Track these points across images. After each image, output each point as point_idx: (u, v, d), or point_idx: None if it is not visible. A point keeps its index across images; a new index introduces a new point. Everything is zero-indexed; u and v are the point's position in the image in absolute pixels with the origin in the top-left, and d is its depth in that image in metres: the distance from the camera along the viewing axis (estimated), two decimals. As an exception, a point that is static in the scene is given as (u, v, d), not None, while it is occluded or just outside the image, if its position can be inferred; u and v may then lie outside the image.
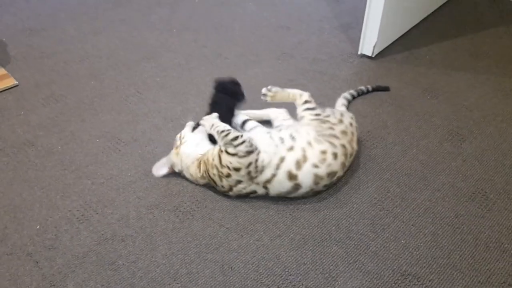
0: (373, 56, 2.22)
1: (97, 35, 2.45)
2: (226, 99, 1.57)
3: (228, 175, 1.40)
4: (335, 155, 1.45)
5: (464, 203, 1.49)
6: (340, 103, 1.86)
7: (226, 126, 1.46)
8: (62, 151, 1.71)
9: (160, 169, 1.55)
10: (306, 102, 1.62)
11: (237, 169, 1.39)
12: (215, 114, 1.53)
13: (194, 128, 1.59)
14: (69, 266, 1.31)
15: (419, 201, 1.50)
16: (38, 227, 1.42)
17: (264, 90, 1.62)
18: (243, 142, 1.38)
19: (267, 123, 1.68)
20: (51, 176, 1.60)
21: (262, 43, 2.38)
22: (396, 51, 2.30)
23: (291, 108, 1.68)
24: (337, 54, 2.28)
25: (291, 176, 1.40)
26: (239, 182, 1.42)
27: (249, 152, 1.38)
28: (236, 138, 1.39)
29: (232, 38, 2.43)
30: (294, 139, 1.44)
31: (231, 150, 1.39)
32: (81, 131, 1.80)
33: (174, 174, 1.57)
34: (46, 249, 1.35)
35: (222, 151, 1.41)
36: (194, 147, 1.52)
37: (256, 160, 1.39)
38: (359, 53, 2.25)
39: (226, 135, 1.41)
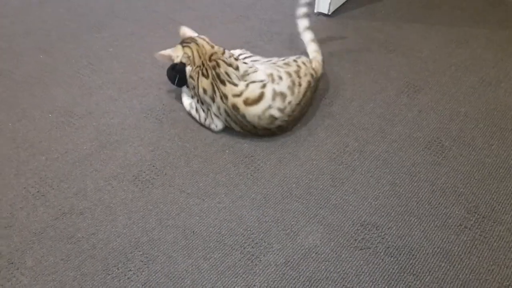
0: (329, 13, 2.20)
1: (42, 5, 2.33)
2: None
3: None
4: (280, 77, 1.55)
5: (421, 152, 1.52)
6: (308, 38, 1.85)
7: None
8: (14, 128, 1.64)
9: None
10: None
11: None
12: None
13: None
14: (27, 242, 1.27)
15: (377, 153, 1.52)
16: (-9, 207, 1.38)
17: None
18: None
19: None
20: (3, 154, 1.54)
21: (216, 6, 2.32)
22: (352, 7, 2.28)
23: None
24: (294, 14, 2.24)
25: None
26: None
27: None
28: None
29: (183, 1, 2.36)
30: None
31: None
32: (32, 107, 1.73)
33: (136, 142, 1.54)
34: (1, 228, 1.31)
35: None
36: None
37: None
38: (315, 11, 2.22)
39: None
